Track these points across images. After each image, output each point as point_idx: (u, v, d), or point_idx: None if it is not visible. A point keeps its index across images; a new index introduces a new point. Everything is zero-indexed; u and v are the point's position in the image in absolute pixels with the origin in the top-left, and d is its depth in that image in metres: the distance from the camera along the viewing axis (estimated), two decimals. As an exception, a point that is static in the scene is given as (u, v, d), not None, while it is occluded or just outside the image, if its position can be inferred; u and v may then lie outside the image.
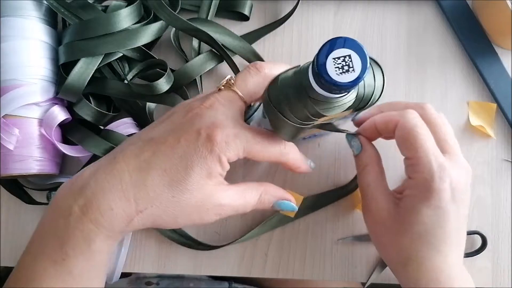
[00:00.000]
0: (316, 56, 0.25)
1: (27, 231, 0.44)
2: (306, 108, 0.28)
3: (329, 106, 0.27)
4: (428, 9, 0.48)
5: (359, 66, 0.24)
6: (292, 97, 0.28)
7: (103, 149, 0.41)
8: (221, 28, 0.45)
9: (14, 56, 0.40)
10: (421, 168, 0.32)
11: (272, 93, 0.29)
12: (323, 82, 0.25)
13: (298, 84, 0.28)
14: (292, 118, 0.29)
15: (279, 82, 0.29)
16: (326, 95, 0.26)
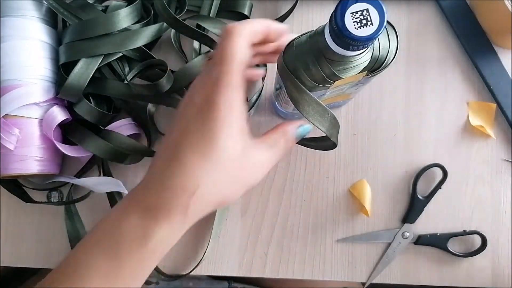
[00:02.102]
0: (334, 12, 0.25)
1: (27, 231, 0.44)
2: (322, 69, 0.28)
3: (346, 67, 0.28)
4: (428, 9, 0.48)
5: (377, 19, 0.24)
6: (308, 59, 0.28)
7: (103, 149, 0.41)
8: (221, 23, 0.45)
9: (14, 56, 0.40)
10: None
11: (288, 58, 0.29)
12: (341, 38, 0.25)
13: (315, 46, 0.28)
14: (308, 81, 0.28)
15: (294, 47, 0.29)
16: (343, 53, 0.26)
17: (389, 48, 0.29)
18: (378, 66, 0.29)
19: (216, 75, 0.28)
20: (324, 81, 0.28)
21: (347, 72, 0.28)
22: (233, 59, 0.28)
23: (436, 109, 0.47)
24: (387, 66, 0.30)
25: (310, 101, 0.29)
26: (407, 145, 0.46)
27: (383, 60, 0.29)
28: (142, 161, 0.44)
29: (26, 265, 0.45)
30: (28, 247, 0.44)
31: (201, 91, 0.29)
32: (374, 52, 0.29)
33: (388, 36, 0.29)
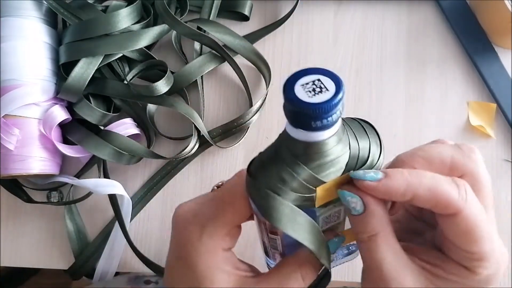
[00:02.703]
0: (283, 91, 0.22)
1: (27, 231, 0.44)
2: (296, 172, 0.23)
3: (321, 161, 0.23)
4: (428, 9, 0.48)
5: (332, 86, 0.21)
6: (278, 167, 0.24)
7: (102, 149, 0.41)
8: (222, 27, 0.45)
9: (14, 56, 0.40)
10: (486, 264, 0.25)
11: (255, 173, 0.25)
12: (298, 114, 0.21)
13: (280, 148, 0.24)
14: (288, 195, 0.24)
15: (259, 160, 0.25)
16: (310, 138, 0.22)
17: (370, 149, 0.25)
18: (360, 166, 0.25)
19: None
20: (303, 189, 0.24)
21: (325, 169, 0.24)
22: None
23: (436, 109, 0.47)
24: (372, 168, 0.25)
25: (283, 206, 0.24)
26: (407, 145, 0.46)
27: (364, 161, 0.25)
28: (142, 162, 0.45)
29: (26, 265, 0.45)
30: (28, 247, 0.44)
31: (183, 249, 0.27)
32: (353, 150, 0.24)
33: (368, 136, 0.25)
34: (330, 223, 0.28)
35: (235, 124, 0.44)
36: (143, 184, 0.45)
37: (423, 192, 0.23)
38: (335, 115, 0.21)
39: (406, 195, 0.23)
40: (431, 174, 0.24)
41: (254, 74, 0.47)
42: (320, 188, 0.24)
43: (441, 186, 0.23)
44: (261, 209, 0.24)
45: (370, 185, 0.23)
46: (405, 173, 0.24)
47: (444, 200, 0.23)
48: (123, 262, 0.44)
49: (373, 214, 0.24)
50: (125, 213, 0.43)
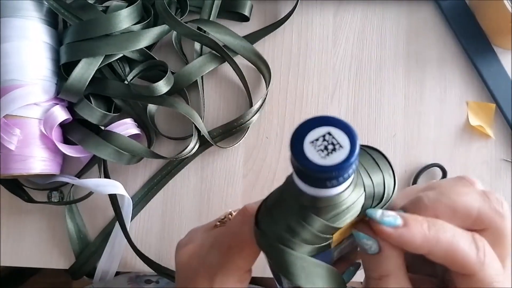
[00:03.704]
0: (290, 149, 0.19)
1: (27, 231, 0.45)
2: (311, 225, 0.21)
3: (337, 211, 0.22)
4: (428, 9, 0.48)
5: (345, 140, 0.19)
6: (289, 220, 0.22)
7: (103, 149, 0.41)
8: (222, 28, 0.45)
9: (15, 57, 0.40)
10: None
11: (265, 228, 0.23)
12: (312, 176, 0.19)
13: (290, 200, 0.22)
14: (301, 246, 0.22)
15: (267, 212, 0.23)
16: (324, 194, 0.20)
17: (385, 183, 0.23)
18: (377, 203, 0.24)
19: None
20: (318, 239, 0.22)
21: (341, 217, 0.22)
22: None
23: (436, 109, 0.47)
24: (388, 202, 0.24)
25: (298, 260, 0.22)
26: (406, 145, 0.46)
27: (381, 197, 0.23)
28: (142, 162, 0.45)
29: (26, 265, 0.45)
30: (28, 247, 0.44)
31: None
32: (367, 189, 0.23)
33: (380, 168, 0.24)
34: (343, 252, 0.27)
35: (235, 124, 0.44)
36: (143, 184, 0.45)
37: (440, 250, 0.22)
38: (352, 170, 0.19)
39: (421, 249, 0.22)
40: (451, 230, 0.23)
41: (254, 74, 0.47)
42: (336, 234, 0.22)
43: (460, 246, 0.22)
44: (276, 266, 0.22)
45: (386, 231, 0.22)
46: (424, 225, 0.22)
47: (461, 261, 0.22)
48: (124, 262, 0.44)
49: (387, 257, 0.23)
50: (125, 213, 0.43)
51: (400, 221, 0.22)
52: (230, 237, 0.26)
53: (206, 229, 0.30)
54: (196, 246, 0.28)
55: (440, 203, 0.24)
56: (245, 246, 0.25)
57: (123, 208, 0.43)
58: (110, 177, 0.45)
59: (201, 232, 0.30)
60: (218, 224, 0.30)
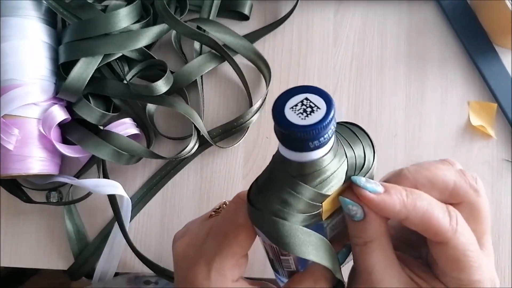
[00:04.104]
0: (273, 117, 0.21)
1: (27, 231, 0.44)
2: (300, 193, 0.23)
3: (322, 177, 0.23)
4: (428, 9, 0.48)
5: (322, 103, 0.21)
6: (280, 192, 0.23)
7: (102, 149, 0.41)
8: (222, 27, 0.45)
9: (13, 56, 0.39)
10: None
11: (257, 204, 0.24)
12: (294, 139, 0.21)
13: (278, 172, 0.23)
14: (294, 216, 0.23)
15: (258, 189, 0.25)
16: (308, 158, 0.22)
17: (365, 154, 0.25)
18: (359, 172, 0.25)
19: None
20: (309, 207, 0.23)
21: (327, 184, 0.23)
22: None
23: (437, 109, 0.47)
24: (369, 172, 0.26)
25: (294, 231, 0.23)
26: (407, 145, 0.46)
27: (361, 166, 0.25)
28: (141, 162, 0.44)
29: (26, 265, 0.44)
30: (28, 247, 0.44)
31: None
32: (349, 159, 0.24)
33: (361, 141, 0.26)
34: (336, 229, 0.28)
35: (235, 124, 0.44)
36: (142, 184, 0.45)
37: (415, 216, 0.24)
38: (330, 131, 0.21)
39: (400, 215, 0.24)
40: (427, 199, 0.24)
41: (254, 73, 0.46)
42: (325, 202, 0.24)
43: (434, 213, 0.24)
44: (272, 238, 0.24)
45: (368, 196, 0.24)
46: (403, 193, 0.24)
47: (434, 227, 0.24)
48: (123, 263, 0.44)
49: (371, 222, 0.25)
50: (124, 213, 0.43)
51: (381, 188, 0.24)
52: (225, 224, 0.26)
53: (201, 220, 0.30)
54: (192, 236, 0.28)
55: (419, 174, 0.25)
56: (241, 231, 0.26)
57: (122, 208, 0.43)
58: (109, 177, 0.44)
59: (197, 223, 0.30)
60: (213, 214, 0.30)
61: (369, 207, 0.24)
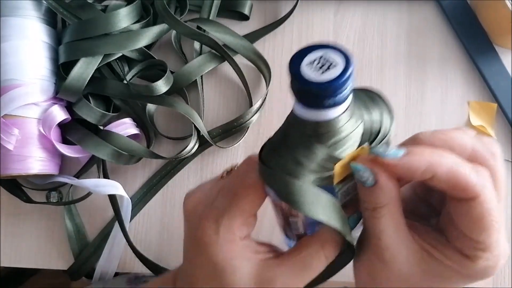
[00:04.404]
0: (290, 72, 0.21)
1: (27, 231, 0.44)
2: (313, 153, 0.22)
3: (337, 138, 0.22)
4: (429, 9, 0.48)
5: (340, 59, 0.20)
6: (294, 151, 0.23)
7: (102, 149, 0.41)
8: (222, 27, 0.45)
9: (13, 56, 0.39)
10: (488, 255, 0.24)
11: (269, 162, 0.24)
12: (310, 95, 0.20)
13: (292, 131, 0.23)
14: (306, 176, 0.23)
15: (270, 148, 0.24)
16: (324, 117, 0.21)
17: (382, 119, 0.25)
18: (374, 138, 0.25)
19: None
20: (321, 168, 0.23)
21: (341, 146, 0.23)
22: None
23: (437, 109, 0.47)
24: (386, 138, 0.25)
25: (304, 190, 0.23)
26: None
27: (377, 132, 0.24)
28: (141, 162, 0.44)
29: (26, 266, 0.44)
30: (28, 247, 0.44)
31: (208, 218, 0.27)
32: (366, 123, 0.24)
33: (378, 105, 0.25)
34: (348, 196, 0.27)
35: (235, 124, 0.44)
36: (142, 184, 0.45)
37: (443, 172, 0.23)
38: (347, 89, 0.20)
39: (426, 174, 0.23)
40: (452, 156, 0.23)
41: (254, 73, 0.46)
42: (337, 165, 0.23)
43: (461, 169, 0.23)
44: (282, 196, 0.23)
45: (391, 162, 0.23)
46: (426, 151, 0.23)
47: (463, 182, 0.23)
48: (123, 263, 0.44)
49: (382, 188, 0.24)
50: (124, 213, 0.43)
51: (403, 151, 0.23)
52: (235, 183, 0.26)
53: (213, 181, 0.30)
54: (202, 194, 0.28)
55: (435, 137, 0.25)
56: (251, 191, 0.26)
57: (122, 208, 0.43)
58: (109, 177, 0.44)
59: (209, 183, 0.30)
60: (224, 175, 0.30)
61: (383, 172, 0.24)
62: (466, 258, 0.24)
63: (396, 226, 0.25)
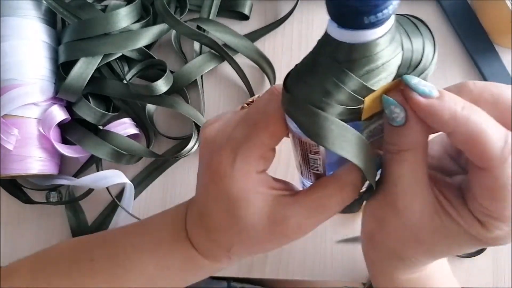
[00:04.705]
0: None
1: (27, 231, 0.44)
2: (343, 82, 0.20)
3: (371, 66, 0.20)
4: (429, 8, 0.48)
5: None
6: (322, 79, 0.20)
7: (101, 149, 0.41)
8: (223, 27, 0.45)
9: (13, 56, 0.39)
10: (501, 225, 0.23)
11: (295, 90, 0.22)
12: (347, 12, 0.18)
13: (319, 55, 0.21)
14: (333, 108, 0.20)
15: (298, 73, 0.22)
16: (358, 39, 0.19)
17: (424, 50, 0.22)
18: (413, 70, 0.22)
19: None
20: (351, 100, 0.21)
21: (375, 76, 0.20)
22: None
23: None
24: (425, 72, 0.23)
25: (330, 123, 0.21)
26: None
27: (418, 63, 0.22)
28: (141, 161, 0.44)
29: (26, 266, 0.44)
30: (28, 247, 0.44)
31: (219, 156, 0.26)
32: (406, 52, 0.21)
33: (422, 34, 0.22)
34: (373, 137, 0.25)
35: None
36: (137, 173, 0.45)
37: (465, 130, 0.20)
38: (392, 6, 0.18)
39: (447, 126, 0.21)
40: (486, 116, 0.21)
41: (257, 73, 0.46)
42: (368, 98, 0.21)
43: (488, 133, 0.20)
44: (304, 128, 0.21)
45: (416, 98, 0.21)
46: (460, 103, 0.21)
47: (482, 148, 0.20)
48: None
49: (411, 129, 0.22)
50: (127, 200, 0.42)
51: (436, 93, 0.21)
52: (256, 114, 0.25)
53: (233, 111, 0.29)
54: (222, 123, 0.28)
55: (486, 89, 0.22)
56: (271, 123, 0.24)
57: (125, 196, 0.43)
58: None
59: (229, 113, 0.29)
60: (245, 105, 0.30)
61: (415, 111, 0.21)
62: (479, 223, 0.23)
63: (416, 175, 0.23)
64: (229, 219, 0.26)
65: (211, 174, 0.26)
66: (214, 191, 0.26)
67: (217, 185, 0.26)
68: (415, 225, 0.24)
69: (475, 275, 0.44)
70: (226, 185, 0.25)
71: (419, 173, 0.23)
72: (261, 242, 0.27)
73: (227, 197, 0.26)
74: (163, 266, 0.31)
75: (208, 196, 0.27)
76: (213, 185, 0.26)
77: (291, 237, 0.27)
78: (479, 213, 0.23)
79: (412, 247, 0.25)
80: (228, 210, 0.26)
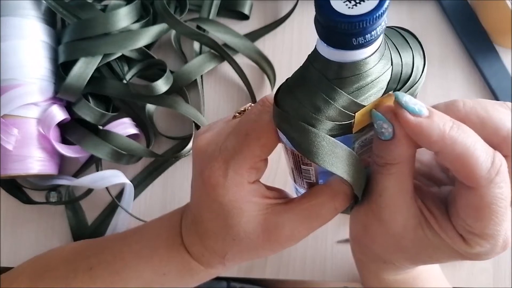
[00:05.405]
0: (315, 2, 0.18)
1: (27, 231, 0.44)
2: (333, 99, 0.20)
3: (360, 83, 0.20)
4: (429, 8, 0.48)
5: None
6: (313, 95, 0.21)
7: (101, 149, 0.41)
8: (222, 26, 0.45)
9: (13, 56, 0.39)
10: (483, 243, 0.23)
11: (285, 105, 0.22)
12: (338, 33, 0.18)
13: (313, 75, 0.21)
14: (323, 124, 0.21)
15: (288, 88, 0.22)
16: (348, 56, 0.19)
17: (414, 63, 0.22)
18: (403, 84, 0.22)
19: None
20: (341, 116, 0.21)
21: (365, 92, 0.20)
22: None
23: (437, 109, 0.47)
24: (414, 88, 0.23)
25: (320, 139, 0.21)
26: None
27: (408, 77, 0.22)
28: (141, 161, 0.44)
29: (25, 266, 0.44)
30: (28, 247, 0.44)
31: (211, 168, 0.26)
32: (395, 67, 0.21)
33: (411, 48, 0.23)
34: (365, 147, 0.26)
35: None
36: (136, 173, 0.45)
37: (453, 150, 0.21)
38: (380, 27, 0.18)
39: (434, 146, 0.21)
40: (474, 137, 0.21)
41: (257, 73, 0.46)
42: (358, 113, 0.21)
43: (475, 154, 0.21)
44: (295, 144, 0.22)
45: (406, 117, 0.21)
46: (448, 123, 0.21)
47: (469, 168, 0.21)
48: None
49: (398, 145, 0.22)
50: (127, 200, 0.42)
51: (425, 112, 0.21)
52: (248, 124, 0.25)
53: (225, 120, 0.29)
54: (214, 134, 0.28)
55: (474, 110, 0.23)
56: (263, 134, 0.25)
57: (125, 195, 0.42)
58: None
59: (221, 122, 0.29)
60: (237, 115, 0.29)
61: (403, 128, 0.22)
62: (461, 238, 0.23)
63: (401, 187, 0.23)
64: (222, 228, 0.27)
65: (204, 184, 0.26)
66: (207, 201, 0.27)
67: (209, 195, 0.26)
68: (398, 234, 0.24)
69: (475, 275, 0.44)
70: (219, 195, 0.26)
71: (403, 186, 0.24)
72: (254, 249, 0.27)
73: (220, 206, 0.26)
74: (159, 272, 0.31)
75: (202, 204, 0.27)
76: (206, 195, 0.26)
77: (284, 245, 0.27)
78: (462, 229, 0.23)
79: (395, 254, 0.26)
80: (222, 219, 0.26)
